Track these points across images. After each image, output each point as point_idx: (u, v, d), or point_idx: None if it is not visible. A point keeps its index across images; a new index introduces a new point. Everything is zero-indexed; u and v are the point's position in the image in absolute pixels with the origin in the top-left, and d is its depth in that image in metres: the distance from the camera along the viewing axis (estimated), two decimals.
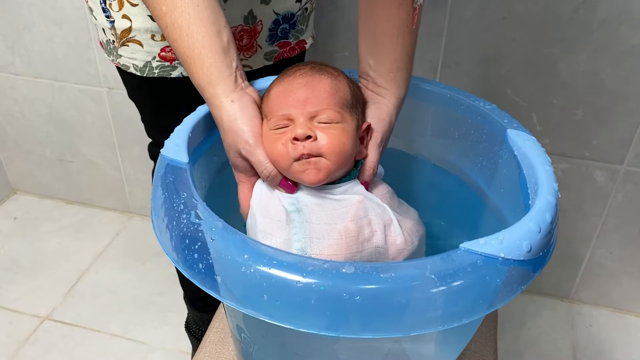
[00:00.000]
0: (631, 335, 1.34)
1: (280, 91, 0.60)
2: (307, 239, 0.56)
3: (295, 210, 0.58)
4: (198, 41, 0.59)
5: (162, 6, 0.59)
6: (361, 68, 0.66)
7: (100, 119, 1.51)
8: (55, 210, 1.71)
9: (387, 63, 0.63)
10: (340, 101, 0.59)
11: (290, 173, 0.58)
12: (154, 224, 0.54)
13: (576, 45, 1.07)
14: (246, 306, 0.46)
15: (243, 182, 0.63)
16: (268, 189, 0.61)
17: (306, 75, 0.60)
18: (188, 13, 0.58)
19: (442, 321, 0.45)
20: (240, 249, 0.46)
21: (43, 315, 1.38)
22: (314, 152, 0.56)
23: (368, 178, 0.62)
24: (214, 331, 0.84)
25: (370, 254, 0.58)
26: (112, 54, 0.85)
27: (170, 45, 0.61)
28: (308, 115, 0.58)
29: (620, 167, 1.18)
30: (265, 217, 0.59)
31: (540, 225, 0.49)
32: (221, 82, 0.59)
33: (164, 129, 0.94)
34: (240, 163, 0.61)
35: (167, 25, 0.60)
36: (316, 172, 0.57)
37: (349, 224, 0.57)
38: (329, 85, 0.59)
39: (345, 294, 0.43)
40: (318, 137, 0.57)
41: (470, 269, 0.45)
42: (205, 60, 0.59)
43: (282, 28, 0.88)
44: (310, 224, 0.57)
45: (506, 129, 0.63)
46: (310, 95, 0.58)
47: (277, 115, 0.59)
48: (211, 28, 0.59)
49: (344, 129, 0.58)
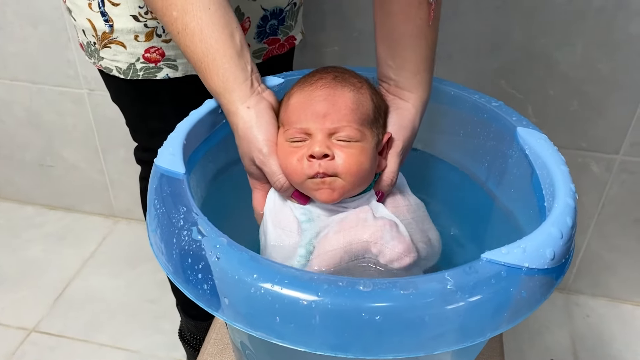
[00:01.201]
0: (629, 324, 1.34)
1: (299, 102, 0.57)
2: (312, 249, 0.55)
3: (307, 220, 0.57)
4: (212, 46, 0.56)
5: (173, 11, 0.57)
6: (381, 71, 0.63)
7: (82, 121, 1.47)
8: (37, 217, 1.66)
9: (412, 65, 0.60)
10: (362, 117, 0.56)
11: (303, 189, 0.57)
12: (152, 241, 0.51)
13: (572, 35, 1.05)
14: (257, 329, 0.43)
15: (257, 189, 0.61)
16: (281, 197, 0.60)
17: (328, 87, 0.57)
18: (200, 17, 0.56)
19: (464, 338, 0.43)
20: (248, 268, 0.43)
21: (29, 327, 1.33)
22: (330, 171, 0.55)
23: (384, 188, 0.59)
24: (212, 343, 0.80)
25: (364, 264, 0.55)
26: (93, 56, 0.81)
27: (182, 51, 0.59)
28: (327, 131, 0.55)
29: (616, 157, 1.17)
30: (277, 228, 0.58)
31: (562, 231, 0.47)
32: (237, 87, 0.57)
33: (150, 133, 0.92)
34: (254, 170, 0.59)
35: (178, 31, 0.57)
36: (330, 192, 0.55)
37: (346, 234, 0.55)
38: (350, 100, 0.56)
39: (364, 313, 0.41)
40: (335, 156, 0.55)
41: (494, 280, 0.43)
42: (220, 67, 0.57)
43: (271, 24, 0.85)
44: (319, 233, 0.55)
45: (515, 127, 0.61)
46: (331, 110, 0.55)
47: (295, 127, 0.56)
48: (224, 31, 0.57)
49: (363, 149, 0.56)
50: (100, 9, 0.75)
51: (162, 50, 0.77)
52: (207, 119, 0.62)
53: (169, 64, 0.79)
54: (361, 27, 1.14)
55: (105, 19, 0.75)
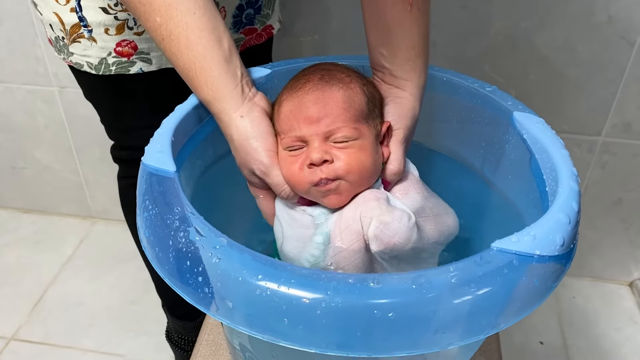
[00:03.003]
0: (614, 303, 1.36)
1: (290, 110, 0.55)
2: (326, 233, 0.55)
3: (320, 214, 0.56)
4: (199, 53, 0.54)
5: (156, 17, 0.54)
6: (373, 60, 0.61)
7: (53, 120, 1.42)
8: (11, 221, 1.61)
9: (404, 52, 0.58)
10: (356, 114, 0.55)
11: (310, 197, 0.56)
12: (145, 244, 0.48)
13: (552, 18, 1.05)
14: (264, 332, 0.41)
15: (261, 197, 0.60)
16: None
17: (316, 89, 0.55)
18: (185, 23, 0.53)
19: (478, 330, 0.42)
20: (251, 269, 0.41)
21: (8, 336, 1.29)
22: (332, 175, 0.53)
23: (390, 177, 0.58)
24: (204, 344, 0.78)
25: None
26: (62, 51, 0.78)
27: (168, 59, 0.56)
28: (322, 136, 0.54)
29: (598, 139, 1.18)
30: (294, 227, 0.57)
31: (570, 216, 0.46)
32: (227, 95, 0.55)
33: (127, 130, 0.89)
34: (256, 180, 0.58)
35: (163, 37, 0.55)
36: (337, 197, 0.55)
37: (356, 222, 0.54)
38: (341, 99, 0.55)
39: (376, 310, 0.39)
40: (335, 159, 0.54)
41: (507, 270, 0.42)
42: (209, 74, 0.54)
43: (247, 14, 0.83)
44: (329, 220, 0.56)
45: (512, 111, 0.60)
46: (323, 114, 0.54)
47: (290, 136, 0.55)
48: (210, 37, 0.54)
49: (362, 146, 0.54)
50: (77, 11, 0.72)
51: (134, 44, 0.74)
52: (193, 113, 0.60)
53: (142, 57, 0.76)
54: (341, 14, 1.12)
55: (80, 16, 0.72)
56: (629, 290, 1.39)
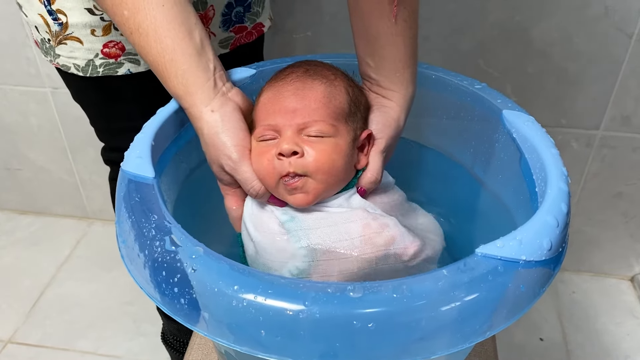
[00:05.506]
0: (613, 298, 1.34)
1: (268, 98, 0.54)
2: (311, 246, 0.52)
3: (290, 220, 0.54)
4: (168, 46, 0.52)
5: (124, 10, 0.52)
6: (362, 69, 0.60)
7: (47, 121, 1.41)
8: (7, 223, 1.60)
9: (391, 64, 0.57)
10: (335, 111, 0.53)
11: (277, 194, 0.54)
12: (122, 252, 0.47)
13: (548, 10, 1.03)
14: (241, 344, 0.40)
15: (229, 195, 0.58)
16: (258, 202, 0.56)
17: (297, 80, 0.54)
18: (153, 15, 0.52)
19: (463, 339, 0.40)
20: (228, 279, 0.40)
21: (5, 339, 1.28)
22: (300, 169, 0.51)
23: (367, 186, 0.56)
24: (196, 348, 0.77)
25: (386, 256, 0.53)
26: (49, 53, 0.77)
27: (138, 53, 0.55)
28: (296, 127, 0.52)
29: (596, 133, 1.16)
30: (261, 232, 0.54)
31: (558, 218, 0.45)
32: (199, 89, 0.53)
33: (116, 132, 0.88)
34: (225, 177, 0.56)
35: (131, 31, 0.53)
36: (304, 195, 0.52)
37: (354, 224, 0.53)
38: (321, 93, 0.53)
39: (355, 321, 0.38)
40: (305, 153, 0.51)
41: (491, 277, 0.40)
42: (179, 67, 0.52)
43: (237, 11, 0.81)
44: (310, 230, 0.52)
45: (501, 110, 0.58)
46: (300, 105, 0.52)
47: (263, 125, 0.53)
48: (180, 29, 0.52)
49: (336, 144, 0.52)
50: (46, 7, 0.70)
51: (121, 45, 0.73)
52: (175, 116, 0.58)
53: (130, 58, 0.74)
54: (333, 10, 1.11)
55: (54, 17, 0.70)
56: (629, 285, 1.37)
